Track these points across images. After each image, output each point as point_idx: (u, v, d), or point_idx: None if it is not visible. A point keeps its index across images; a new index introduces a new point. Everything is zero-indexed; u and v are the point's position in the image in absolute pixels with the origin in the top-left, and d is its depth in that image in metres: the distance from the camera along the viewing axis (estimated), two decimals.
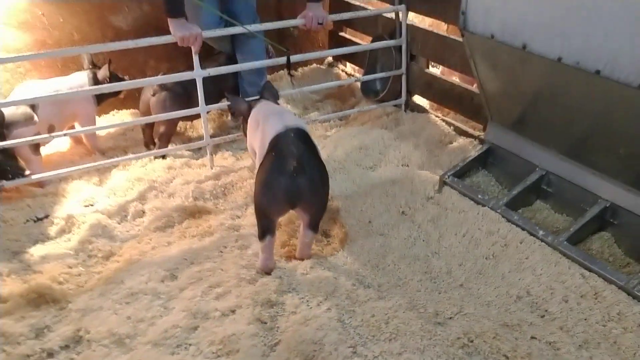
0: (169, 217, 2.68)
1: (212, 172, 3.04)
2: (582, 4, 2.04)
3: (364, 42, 4.08)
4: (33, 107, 2.85)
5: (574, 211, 2.62)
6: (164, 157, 3.17)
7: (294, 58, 3.27)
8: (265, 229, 2.28)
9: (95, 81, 3.11)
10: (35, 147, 2.90)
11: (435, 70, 3.87)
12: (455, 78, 3.68)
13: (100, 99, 3.22)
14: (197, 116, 3.21)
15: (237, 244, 2.50)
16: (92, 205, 2.80)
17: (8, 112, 2.77)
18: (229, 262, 2.39)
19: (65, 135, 2.89)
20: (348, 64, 4.42)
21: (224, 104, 3.22)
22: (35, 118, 2.84)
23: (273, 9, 3.97)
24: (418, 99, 3.80)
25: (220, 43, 3.37)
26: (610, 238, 2.52)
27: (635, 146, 2.23)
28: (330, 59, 4.48)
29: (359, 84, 3.99)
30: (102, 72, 3.13)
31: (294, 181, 2.17)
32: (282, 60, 3.15)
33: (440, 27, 4.15)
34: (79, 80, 3.08)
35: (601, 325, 2.11)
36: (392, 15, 3.58)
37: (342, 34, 4.33)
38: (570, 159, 2.61)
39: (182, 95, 3.16)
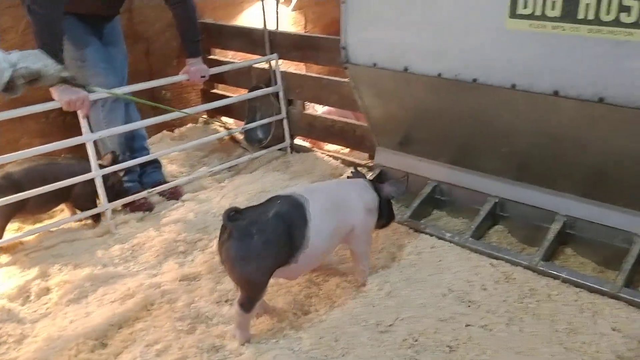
0: (81, 287, 2.51)
1: (115, 237, 2.91)
2: (454, 25, 2.36)
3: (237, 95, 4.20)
4: None
5: (468, 213, 2.90)
6: None
7: (172, 115, 3.32)
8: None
9: None
10: None
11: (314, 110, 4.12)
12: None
13: None
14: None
15: (164, 299, 2.40)
16: None
17: None
18: (161, 318, 2.30)
19: None
20: (223, 118, 4.50)
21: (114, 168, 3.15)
22: None
23: (145, 73, 3.96)
24: (299, 140, 3.99)
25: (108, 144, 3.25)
26: (504, 230, 2.83)
27: (514, 143, 2.57)
28: (205, 116, 4.53)
29: (241, 135, 4.09)
30: None
31: (223, 245, 2.07)
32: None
33: (301, 68, 4.48)
34: None
35: (519, 302, 2.35)
36: (265, 65, 3.76)
37: (214, 90, 4.43)
38: (457, 166, 2.91)
39: (9, 188, 2.76)
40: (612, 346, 2.09)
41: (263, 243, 2.04)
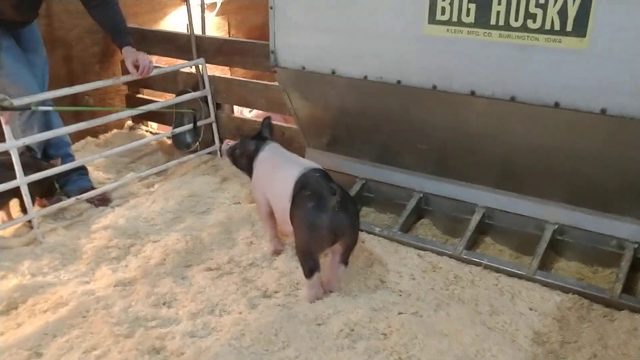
0: (10, 299, 2.43)
1: (43, 245, 2.83)
2: (377, 31, 2.49)
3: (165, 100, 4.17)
4: None
5: (395, 208, 3.05)
6: None
7: (97, 122, 3.29)
8: (313, 267, 2.36)
9: None
10: None
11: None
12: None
13: None
14: None
15: (99, 305, 2.37)
16: None
17: None
18: (97, 324, 2.27)
19: None
20: (150, 123, 4.46)
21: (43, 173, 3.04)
22: None
23: (64, 79, 3.86)
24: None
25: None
26: (429, 223, 3.00)
27: (435, 140, 2.74)
28: (130, 122, 4.46)
29: (169, 141, 4.07)
30: None
31: (337, 217, 2.28)
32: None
33: (225, 72, 4.51)
34: None
35: (445, 289, 2.51)
36: (192, 69, 3.77)
37: (139, 95, 4.37)
38: (382, 164, 3.05)
39: None
40: (530, 324, 2.29)
41: (355, 205, 2.46)
